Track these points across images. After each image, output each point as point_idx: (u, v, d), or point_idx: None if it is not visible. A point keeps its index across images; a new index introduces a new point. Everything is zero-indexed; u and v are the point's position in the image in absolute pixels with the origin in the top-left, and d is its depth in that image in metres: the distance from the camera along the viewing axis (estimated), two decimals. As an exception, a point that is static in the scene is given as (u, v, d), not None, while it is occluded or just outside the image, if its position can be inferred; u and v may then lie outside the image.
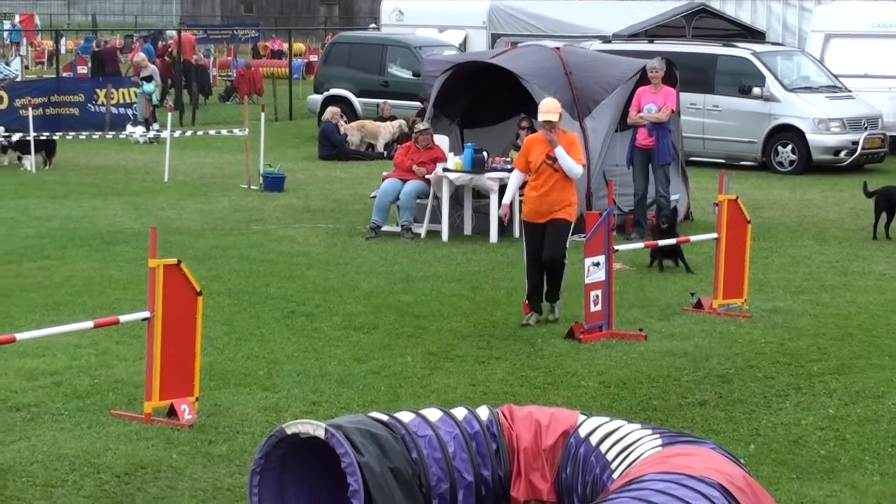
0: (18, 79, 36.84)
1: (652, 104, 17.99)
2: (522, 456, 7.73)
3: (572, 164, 12.95)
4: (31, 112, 26.95)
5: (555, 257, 13.03)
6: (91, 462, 8.93)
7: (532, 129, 19.10)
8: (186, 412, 9.81)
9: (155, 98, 33.30)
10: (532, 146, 13.18)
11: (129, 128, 31.63)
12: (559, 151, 12.88)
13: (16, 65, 40.44)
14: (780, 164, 25.90)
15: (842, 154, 25.79)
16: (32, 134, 25.86)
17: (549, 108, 12.96)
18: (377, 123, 29.13)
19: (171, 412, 9.82)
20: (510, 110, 19.85)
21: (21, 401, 10.34)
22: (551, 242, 13.00)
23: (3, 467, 8.76)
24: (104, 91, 33.52)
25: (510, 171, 18.22)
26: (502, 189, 17.97)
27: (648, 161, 18.17)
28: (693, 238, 15.02)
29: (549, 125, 12.92)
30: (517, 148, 18.99)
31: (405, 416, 7.64)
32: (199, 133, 28.77)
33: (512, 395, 10.57)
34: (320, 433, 7.15)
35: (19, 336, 9.62)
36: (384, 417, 7.56)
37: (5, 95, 29.96)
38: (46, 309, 13.51)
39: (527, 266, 13.26)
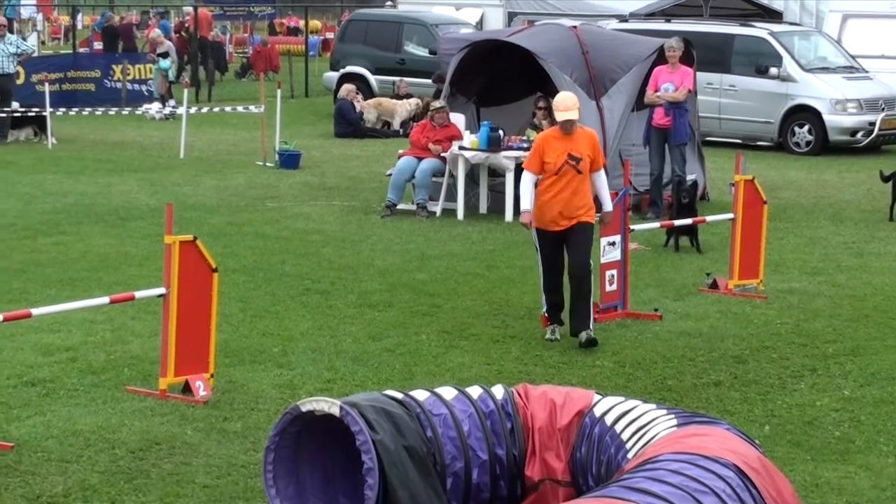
0: (35, 54, 36.87)
1: (669, 83, 17.94)
2: (537, 435, 7.72)
3: (608, 193, 12.09)
4: (47, 88, 26.99)
5: (585, 264, 11.66)
6: (106, 438, 8.95)
7: (549, 109, 19.07)
8: (201, 388, 9.83)
9: (171, 74, 33.31)
10: (547, 146, 11.69)
11: (146, 104, 31.65)
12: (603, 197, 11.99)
13: (32, 40, 40.45)
14: (797, 144, 25.84)
15: (858, 135, 25.71)
16: (49, 109, 25.89)
17: (566, 105, 11.53)
18: (394, 101, 29.10)
19: (186, 388, 9.83)
20: (527, 89, 19.82)
21: (36, 376, 10.36)
22: (579, 250, 11.70)
23: (19, 442, 8.78)
24: (120, 67, 33.55)
25: (526, 149, 18.21)
26: (518, 168, 17.99)
27: (665, 141, 18.12)
28: (709, 218, 14.99)
29: (570, 124, 11.56)
30: (534, 127, 18.98)
31: (420, 395, 7.64)
32: (215, 110, 28.76)
33: (527, 374, 10.57)
34: (335, 411, 7.14)
35: (35, 311, 9.64)
36: (399, 395, 7.55)
37: (22, 71, 29.98)
38: (62, 284, 13.53)
39: (545, 278, 11.93)
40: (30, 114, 26.27)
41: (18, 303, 12.13)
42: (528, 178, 11.88)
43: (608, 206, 11.97)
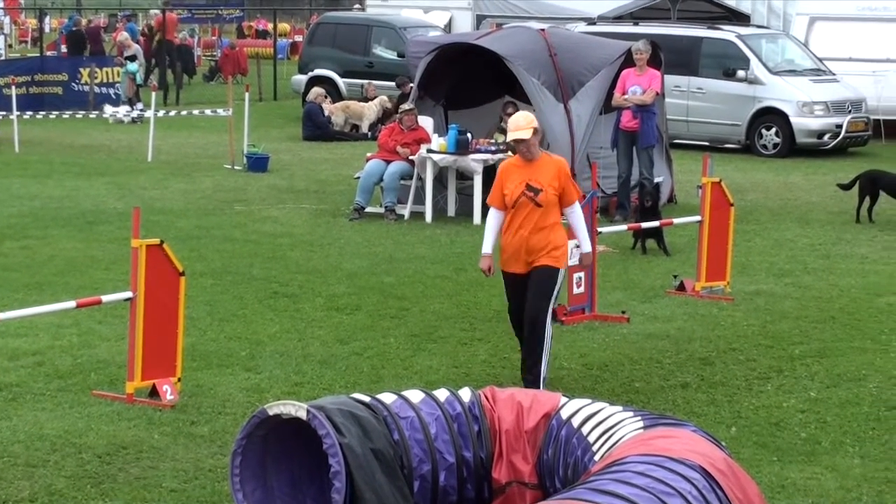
0: (2, 58, 36.71)
1: (637, 86, 17.99)
2: (504, 437, 7.73)
3: (587, 233, 10.57)
4: (14, 91, 26.86)
5: (533, 315, 10.08)
6: (72, 442, 8.92)
7: (517, 110, 19.10)
8: (168, 392, 9.80)
9: (139, 78, 33.20)
10: (506, 175, 10.15)
11: (109, 108, 31.49)
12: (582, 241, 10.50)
13: (-1, 43, 40.30)
14: (764, 146, 25.93)
15: (825, 137, 25.82)
16: (16, 113, 25.77)
17: (517, 125, 9.96)
18: (361, 104, 29.09)
19: (153, 392, 9.81)
20: (495, 92, 19.85)
21: (2, 380, 10.31)
22: (534, 294, 10.08)
23: (-15, 447, 8.74)
24: (88, 70, 33.41)
25: (494, 152, 18.28)
26: (486, 171, 18.03)
27: (632, 143, 18.17)
28: (676, 220, 15.04)
29: (525, 147, 10.01)
30: (501, 130, 18.99)
31: (387, 398, 7.64)
32: (183, 113, 28.71)
33: (494, 376, 10.58)
34: (302, 414, 7.14)
35: (1, 316, 9.59)
36: (366, 399, 7.55)
37: (-11, 75, 29.83)
38: (29, 289, 13.47)
39: (512, 327, 10.65)
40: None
41: (-16, 307, 12.07)
42: (491, 215, 10.31)
43: (586, 246, 10.51)
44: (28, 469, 8.41)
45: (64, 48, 43.03)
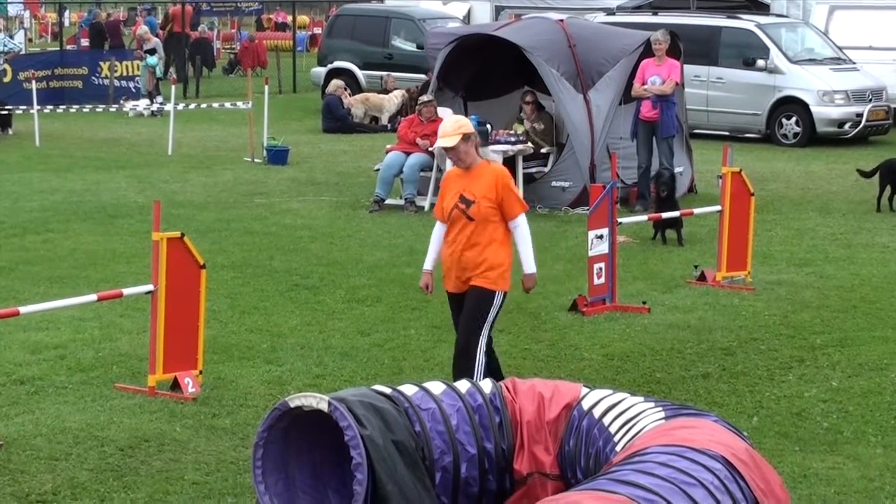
0: (23, 52, 36.81)
1: (656, 76, 17.96)
2: (525, 429, 7.73)
3: (530, 250, 9.38)
4: (34, 85, 26.93)
5: (461, 341, 9.25)
6: (95, 435, 8.95)
7: (536, 104, 19.10)
8: (190, 385, 9.82)
9: (158, 71, 33.26)
10: (446, 185, 9.39)
11: (132, 102, 31.57)
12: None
13: (19, 38, 40.39)
14: (784, 136, 25.86)
15: (846, 126, 25.73)
16: (37, 107, 25.84)
17: (444, 131, 9.16)
18: (381, 96, 29.08)
19: (175, 385, 9.83)
20: (514, 83, 19.83)
21: (25, 374, 10.35)
22: (464, 320, 9.24)
23: (8, 440, 8.77)
24: (108, 64, 33.50)
25: (514, 143, 18.26)
26: (506, 162, 18.02)
27: (652, 134, 18.14)
28: (697, 210, 15.01)
29: (455, 155, 9.17)
30: (521, 121, 19.00)
31: (408, 389, 7.65)
32: (203, 106, 28.74)
33: (515, 367, 10.57)
34: (323, 406, 7.15)
35: (23, 309, 9.62)
36: (387, 390, 7.56)
37: (9, 69, 29.93)
38: (50, 282, 13.51)
39: None
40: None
41: (6, 301, 12.11)
42: (435, 229, 9.59)
43: (527, 266, 9.38)
44: (51, 462, 8.44)
45: (84, 42, 43.16)
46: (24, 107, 26.38)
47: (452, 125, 9.18)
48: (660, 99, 17.92)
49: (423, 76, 26.95)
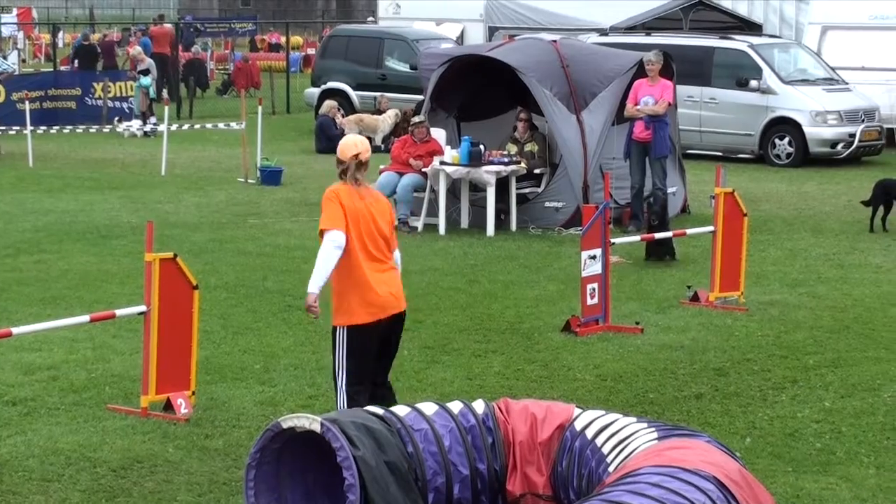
0: (16, 73, 36.84)
1: (649, 97, 17.98)
2: (518, 449, 7.74)
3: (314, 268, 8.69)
4: (28, 106, 26.95)
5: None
6: (87, 456, 8.93)
7: (529, 122, 19.13)
8: (183, 406, 9.82)
9: (152, 92, 33.30)
10: None
11: (122, 123, 31.58)
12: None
13: (13, 59, 40.42)
14: (777, 156, 25.90)
15: (839, 147, 25.78)
16: (30, 127, 25.85)
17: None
18: (375, 117, 29.09)
19: (168, 406, 9.82)
20: (507, 103, 19.86)
21: (17, 395, 10.34)
22: None
23: (0, 462, 8.75)
24: (101, 84, 33.55)
25: (507, 164, 18.29)
26: (499, 182, 18.05)
27: (645, 154, 18.15)
28: (689, 231, 15.03)
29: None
30: (514, 141, 19.03)
31: (401, 410, 7.65)
32: (196, 126, 28.75)
33: (508, 388, 10.57)
34: (316, 427, 7.15)
35: (15, 330, 9.60)
36: (380, 411, 7.56)
37: (2, 90, 29.95)
38: (43, 303, 13.50)
39: None
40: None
41: (-1, 322, 12.11)
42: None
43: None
44: (43, 483, 8.43)
45: (75, 63, 43.21)
46: (18, 127, 26.38)
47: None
48: (652, 119, 17.93)
49: (417, 96, 26.96)
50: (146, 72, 33.03)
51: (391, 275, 8.86)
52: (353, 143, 8.97)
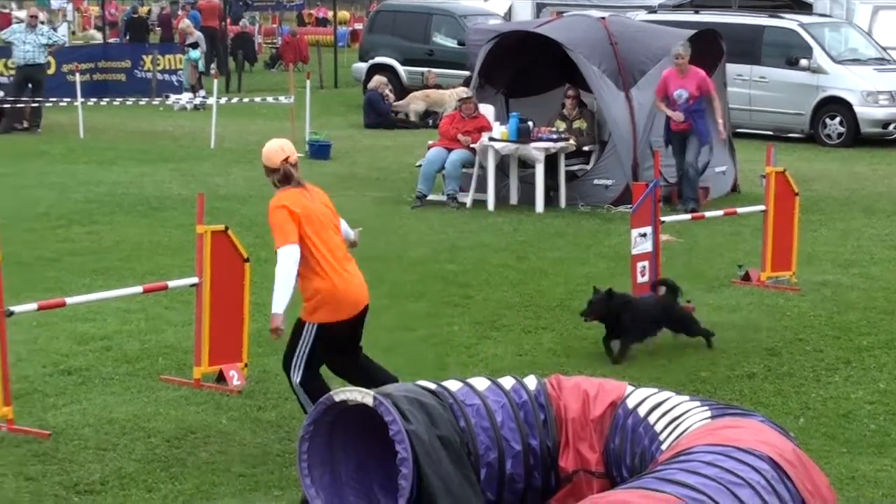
0: (66, 45, 36.98)
1: (682, 90, 17.73)
2: (570, 426, 7.72)
3: (275, 286, 8.50)
4: (78, 78, 27.07)
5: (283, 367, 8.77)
6: (141, 426, 8.99)
7: (578, 99, 19.06)
8: (235, 378, 9.86)
9: (201, 65, 33.39)
10: None
11: (172, 96, 31.73)
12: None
13: (63, 31, 40.56)
14: (828, 136, 25.73)
15: (890, 127, 25.58)
16: (80, 99, 25.98)
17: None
18: (442, 92, 28.96)
19: (221, 378, 9.87)
20: (555, 80, 19.78)
21: (72, 364, 10.41)
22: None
23: (56, 430, 8.82)
24: (150, 57, 33.65)
25: (555, 140, 18.24)
26: (548, 159, 18.01)
27: (685, 141, 17.99)
28: (740, 210, 14.95)
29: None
30: (563, 118, 18.97)
31: (453, 385, 7.65)
32: (245, 100, 28.81)
33: (559, 365, 10.57)
34: (368, 401, 7.16)
35: (69, 300, 9.69)
36: (432, 386, 7.57)
37: (53, 61, 30.08)
38: (95, 274, 13.58)
39: None
40: (19, 104, 26.34)
41: (53, 292, 12.15)
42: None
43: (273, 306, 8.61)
44: (99, 452, 8.49)
45: (126, 36, 43.36)
46: (68, 99, 26.50)
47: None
48: (688, 112, 17.73)
49: (464, 72, 26.92)
50: (195, 45, 33.08)
51: (353, 267, 8.81)
52: (277, 149, 8.79)
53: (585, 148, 19.00)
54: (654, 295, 11.72)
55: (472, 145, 18.47)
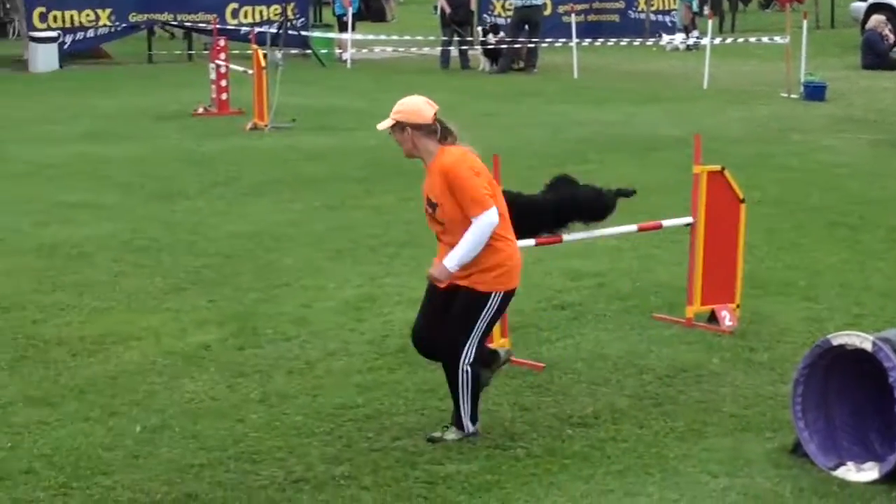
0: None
1: None
2: None
3: (464, 252, 7.44)
4: (573, 19, 27.54)
5: (447, 343, 7.64)
6: (633, 363, 9.09)
7: None
8: (727, 318, 9.82)
9: (695, 5, 33.30)
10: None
11: (665, 36, 31.80)
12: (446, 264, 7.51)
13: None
14: None
15: None
16: (575, 40, 26.42)
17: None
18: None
19: (712, 318, 9.85)
20: None
21: (566, 300, 10.64)
22: (449, 320, 7.62)
23: (549, 363, 9.03)
24: (643, -2, 33.84)
25: None
26: None
27: None
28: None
29: (400, 144, 7.64)
30: None
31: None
32: (739, 40, 28.53)
33: None
34: (867, 346, 7.01)
35: (565, 237, 9.88)
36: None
37: (549, 3, 30.73)
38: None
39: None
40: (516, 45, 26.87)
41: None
42: None
43: (448, 260, 7.48)
44: (591, 387, 8.64)
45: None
46: (563, 39, 27.00)
47: (395, 107, 7.60)
48: None
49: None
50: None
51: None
52: (423, 102, 7.57)
53: None
54: None
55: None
